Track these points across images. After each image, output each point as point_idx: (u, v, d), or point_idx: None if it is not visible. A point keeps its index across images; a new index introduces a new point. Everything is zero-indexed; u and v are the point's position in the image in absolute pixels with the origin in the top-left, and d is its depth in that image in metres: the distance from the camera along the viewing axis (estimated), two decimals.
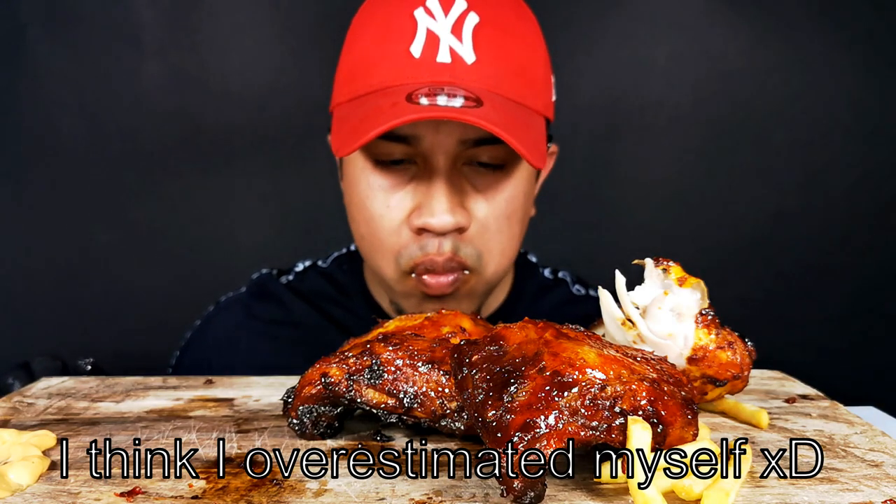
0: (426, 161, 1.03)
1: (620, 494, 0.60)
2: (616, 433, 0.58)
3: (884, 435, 0.75)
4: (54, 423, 0.80)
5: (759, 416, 0.78)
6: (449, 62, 1.00)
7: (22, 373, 1.12)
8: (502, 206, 1.07)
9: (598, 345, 0.64)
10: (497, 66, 1.02)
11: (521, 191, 1.10)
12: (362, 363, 0.70)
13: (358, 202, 1.10)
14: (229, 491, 0.61)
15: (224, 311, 1.38)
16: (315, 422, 0.73)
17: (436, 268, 1.05)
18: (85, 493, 0.61)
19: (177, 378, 0.99)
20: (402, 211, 1.06)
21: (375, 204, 1.07)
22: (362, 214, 1.10)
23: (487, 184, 1.06)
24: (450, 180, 1.03)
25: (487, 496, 0.60)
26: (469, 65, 1.00)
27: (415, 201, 1.05)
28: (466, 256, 1.06)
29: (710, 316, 0.74)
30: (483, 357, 0.63)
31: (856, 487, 0.62)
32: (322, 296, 1.34)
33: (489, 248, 1.08)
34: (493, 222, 1.07)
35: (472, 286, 1.11)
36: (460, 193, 1.05)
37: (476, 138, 1.02)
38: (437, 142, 1.01)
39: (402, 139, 1.02)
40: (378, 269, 1.13)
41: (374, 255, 1.12)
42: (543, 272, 1.39)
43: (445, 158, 1.02)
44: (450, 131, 1.01)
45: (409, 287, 1.10)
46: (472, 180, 1.06)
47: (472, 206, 1.06)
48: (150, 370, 1.25)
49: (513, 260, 1.16)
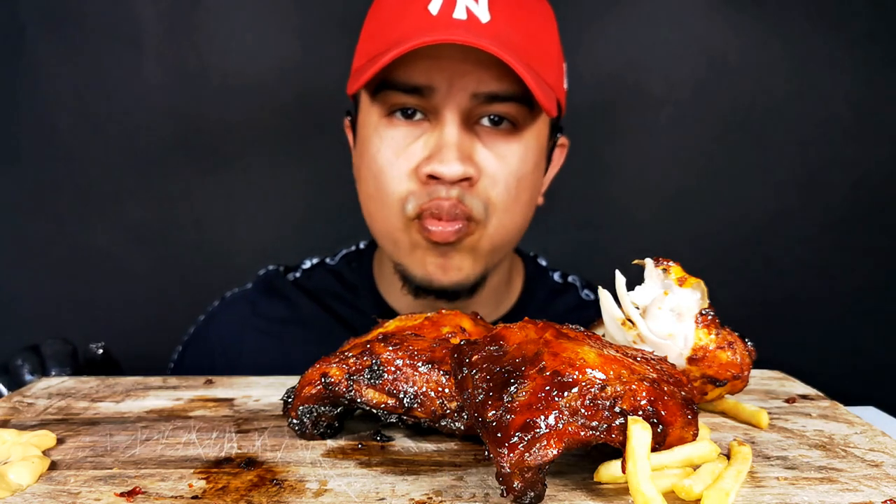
0: (438, 114, 1.06)
1: (620, 494, 0.60)
2: (616, 433, 0.58)
3: (884, 435, 0.75)
4: (54, 423, 0.80)
5: (759, 416, 0.78)
6: (465, 19, 1.03)
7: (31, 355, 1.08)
8: (512, 165, 1.09)
9: (598, 345, 0.64)
10: (511, 28, 1.05)
11: (532, 157, 1.12)
12: (362, 363, 0.70)
13: (369, 158, 1.12)
14: (229, 491, 0.61)
15: (229, 307, 1.37)
16: (315, 422, 0.73)
17: (441, 213, 1.07)
18: (85, 493, 0.61)
19: (177, 378, 0.99)
20: (412, 161, 1.08)
21: (386, 155, 1.09)
22: (371, 170, 1.12)
23: (498, 141, 1.09)
24: (461, 132, 1.06)
25: (487, 496, 0.60)
26: (484, 23, 1.03)
27: (425, 151, 1.07)
28: (472, 206, 1.08)
29: (710, 316, 0.74)
30: (483, 357, 0.63)
31: (856, 487, 0.62)
32: (329, 293, 1.33)
33: (494, 203, 1.09)
34: (502, 179, 1.09)
35: (475, 241, 1.11)
36: (471, 146, 1.07)
37: (488, 93, 1.05)
38: (451, 94, 1.04)
39: (417, 90, 1.05)
40: (384, 222, 1.13)
41: (381, 209, 1.12)
42: (553, 276, 1.39)
43: (458, 111, 1.05)
44: (463, 84, 1.04)
45: (413, 236, 1.11)
46: (482, 137, 1.09)
47: (482, 159, 1.08)
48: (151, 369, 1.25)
49: (519, 229, 1.17)
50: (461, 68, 1.03)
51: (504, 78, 1.04)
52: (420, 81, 1.05)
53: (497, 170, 1.08)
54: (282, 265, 1.41)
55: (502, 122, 1.09)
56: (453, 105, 1.05)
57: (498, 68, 1.03)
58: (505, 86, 1.05)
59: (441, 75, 1.04)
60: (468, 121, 1.07)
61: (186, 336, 1.40)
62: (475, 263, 1.13)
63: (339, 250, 1.42)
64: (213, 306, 1.40)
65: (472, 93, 1.05)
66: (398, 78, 1.06)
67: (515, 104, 1.07)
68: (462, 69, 1.03)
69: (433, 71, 1.04)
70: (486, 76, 1.04)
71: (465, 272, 1.13)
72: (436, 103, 1.06)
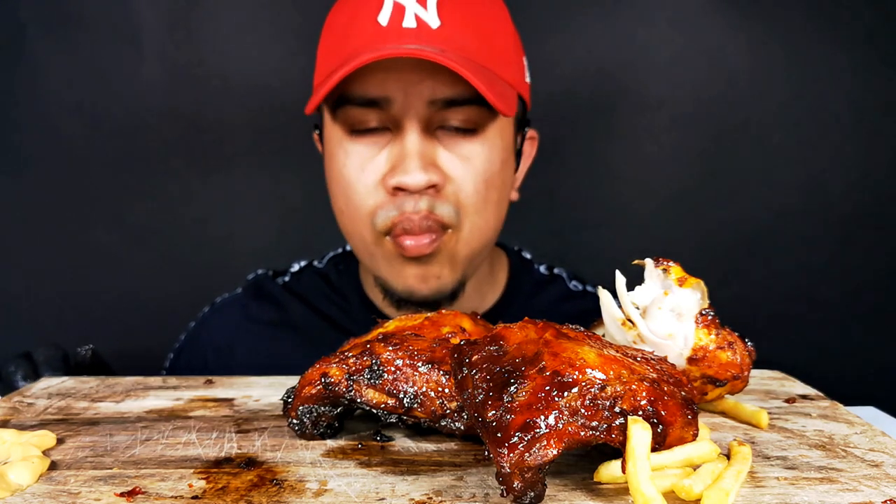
0: (398, 125, 1.07)
1: (620, 494, 0.60)
2: (616, 433, 0.58)
3: (884, 435, 0.75)
4: (54, 423, 0.80)
5: (759, 416, 0.78)
6: (414, 27, 1.03)
7: (24, 362, 1.10)
8: (477, 167, 1.09)
9: (598, 345, 0.64)
10: (461, 31, 1.05)
11: (497, 157, 1.12)
12: (362, 363, 0.70)
13: (336, 173, 1.13)
14: (229, 491, 0.61)
15: (220, 312, 1.38)
16: (315, 422, 0.73)
17: (412, 228, 1.07)
18: (85, 493, 0.61)
19: (177, 378, 0.99)
20: (377, 173, 1.08)
21: (351, 170, 1.10)
22: (339, 185, 1.12)
23: (460, 144, 1.09)
24: (422, 140, 1.06)
25: (487, 496, 0.60)
26: (434, 29, 1.04)
27: (389, 164, 1.08)
28: (443, 214, 1.08)
29: (710, 316, 0.74)
30: (483, 357, 0.63)
31: (856, 487, 0.62)
32: (318, 296, 1.34)
33: (465, 206, 1.10)
34: (469, 181, 1.09)
35: (452, 247, 1.11)
36: (433, 153, 1.08)
37: (444, 98, 1.05)
38: (408, 103, 1.05)
39: (374, 103, 1.06)
40: (357, 236, 1.14)
41: (352, 224, 1.13)
42: (539, 268, 1.39)
43: (417, 120, 1.06)
44: (418, 92, 1.04)
45: (387, 251, 1.11)
46: (444, 142, 1.09)
47: (446, 164, 1.08)
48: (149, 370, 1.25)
49: (493, 229, 1.17)
50: (414, 77, 1.04)
51: (458, 83, 1.04)
52: (375, 94, 1.05)
53: (462, 173, 1.08)
54: (270, 269, 1.41)
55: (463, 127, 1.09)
56: (411, 114, 1.05)
57: (452, 73, 1.04)
58: (460, 90, 1.05)
59: (396, 86, 1.04)
60: (428, 128, 1.07)
61: (178, 343, 1.40)
62: (453, 270, 1.14)
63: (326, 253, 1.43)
64: (203, 312, 1.41)
65: (429, 100, 1.05)
66: (354, 92, 1.06)
67: (474, 107, 1.06)
68: (415, 78, 1.04)
69: (388, 82, 1.04)
70: (440, 82, 1.04)
71: (444, 280, 1.13)
72: (394, 114, 1.06)
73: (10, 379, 1.08)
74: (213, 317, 1.38)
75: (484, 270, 1.29)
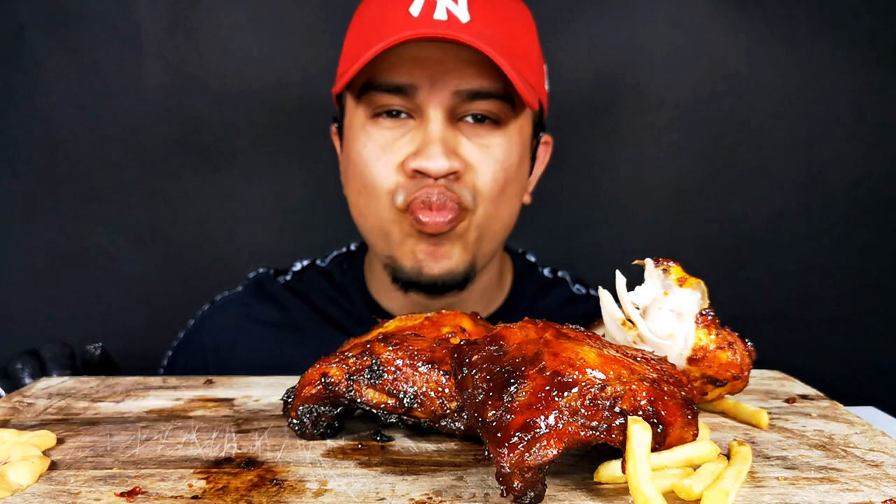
0: (422, 112, 1.08)
1: (620, 494, 0.60)
2: (616, 433, 0.58)
3: (884, 435, 0.75)
4: (54, 423, 0.80)
5: (759, 416, 0.78)
6: (445, 19, 1.05)
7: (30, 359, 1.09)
8: (497, 156, 1.11)
9: (598, 345, 0.64)
10: (490, 27, 1.07)
11: (516, 151, 1.14)
12: (362, 363, 0.70)
13: (355, 155, 1.14)
14: (229, 491, 0.61)
15: (221, 311, 1.37)
16: (315, 422, 0.73)
17: (431, 201, 1.08)
18: (85, 493, 0.61)
19: (177, 378, 0.99)
20: (398, 156, 1.10)
21: (373, 152, 1.11)
22: (358, 165, 1.13)
23: (482, 136, 1.11)
24: (445, 128, 1.08)
25: (487, 496, 0.60)
26: (463, 23, 1.05)
27: (411, 147, 1.09)
28: (461, 194, 1.10)
29: (710, 316, 0.74)
30: (483, 357, 0.63)
31: (856, 487, 0.62)
32: (321, 295, 1.33)
33: (482, 193, 1.11)
34: (488, 169, 1.11)
35: (464, 228, 1.12)
36: (455, 141, 1.09)
37: (470, 90, 1.07)
38: (433, 92, 1.07)
39: (400, 90, 1.07)
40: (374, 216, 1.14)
41: (370, 203, 1.13)
42: (543, 272, 1.40)
43: (441, 108, 1.07)
44: (444, 82, 1.06)
45: (404, 228, 1.12)
46: (466, 132, 1.11)
47: (466, 153, 1.10)
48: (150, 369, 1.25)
49: (506, 223, 1.18)
50: (442, 67, 1.05)
51: (485, 75, 1.06)
52: (402, 81, 1.07)
53: (482, 161, 1.10)
54: (272, 268, 1.41)
55: (486, 119, 1.11)
56: (436, 102, 1.07)
57: (479, 66, 1.06)
58: (486, 83, 1.07)
59: (423, 74, 1.06)
60: (452, 117, 1.09)
61: (176, 341, 1.40)
62: (464, 252, 1.14)
63: (330, 252, 1.42)
64: (203, 310, 1.40)
65: (455, 90, 1.06)
66: (381, 78, 1.08)
67: (498, 101, 1.09)
68: (443, 67, 1.05)
69: (415, 70, 1.06)
70: (467, 74, 1.06)
71: (455, 260, 1.13)
72: (419, 101, 1.07)
73: (17, 376, 1.06)
74: (213, 315, 1.37)
75: (493, 275, 1.29)
